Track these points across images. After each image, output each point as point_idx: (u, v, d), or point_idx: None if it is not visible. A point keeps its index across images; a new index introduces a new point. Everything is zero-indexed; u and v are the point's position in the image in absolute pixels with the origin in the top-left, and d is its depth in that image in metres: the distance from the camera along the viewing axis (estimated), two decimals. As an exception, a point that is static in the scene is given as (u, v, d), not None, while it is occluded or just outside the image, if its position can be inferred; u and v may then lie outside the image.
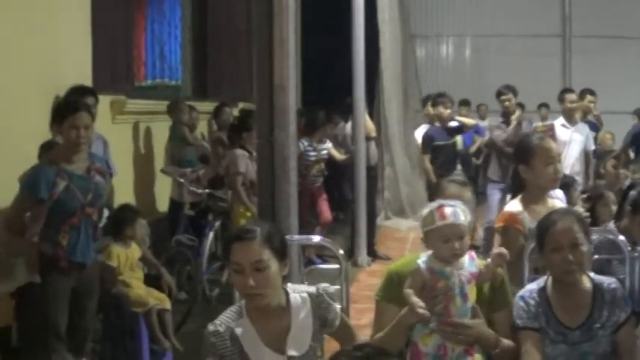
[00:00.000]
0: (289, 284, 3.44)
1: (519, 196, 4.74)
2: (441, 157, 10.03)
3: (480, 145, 12.51)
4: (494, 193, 9.73)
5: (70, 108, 5.31)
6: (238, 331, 3.28)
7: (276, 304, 3.30)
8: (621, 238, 4.65)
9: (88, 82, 7.41)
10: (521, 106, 11.37)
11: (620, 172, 7.54)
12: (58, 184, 5.14)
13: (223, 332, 3.29)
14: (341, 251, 4.66)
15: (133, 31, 9.37)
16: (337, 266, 4.53)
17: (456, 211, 3.47)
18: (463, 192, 4.04)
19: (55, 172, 5.16)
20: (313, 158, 10.06)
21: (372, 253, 10.82)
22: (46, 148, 5.91)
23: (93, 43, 7.88)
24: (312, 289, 3.44)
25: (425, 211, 3.54)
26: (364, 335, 3.77)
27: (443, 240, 3.45)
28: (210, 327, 3.31)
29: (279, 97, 5.32)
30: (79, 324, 5.42)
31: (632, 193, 5.39)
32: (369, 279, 9.31)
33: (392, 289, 3.61)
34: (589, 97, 11.12)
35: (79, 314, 5.40)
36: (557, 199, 4.91)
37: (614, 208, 6.21)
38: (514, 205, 4.72)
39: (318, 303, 3.39)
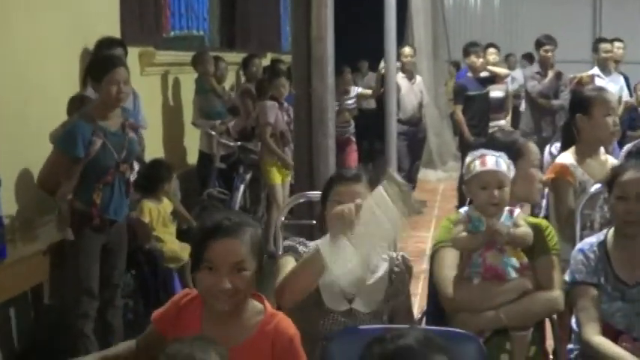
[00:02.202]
0: None
1: (572, 148, 4.62)
2: (474, 108, 9.79)
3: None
4: None
5: (109, 63, 5.18)
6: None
7: None
8: None
9: (116, 33, 7.26)
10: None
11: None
12: (94, 143, 5.01)
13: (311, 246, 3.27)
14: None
15: (160, -19, 9.13)
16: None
17: (498, 160, 3.42)
18: (527, 144, 3.81)
19: (91, 130, 5.03)
20: (337, 108, 9.85)
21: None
22: (75, 103, 5.75)
23: (120, -6, 7.68)
24: (393, 254, 3.42)
25: (468, 159, 3.49)
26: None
27: (481, 187, 3.39)
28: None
29: (317, 47, 5.17)
30: (110, 280, 5.35)
31: None
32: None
33: (449, 235, 3.51)
34: (617, 44, 10.76)
35: (110, 270, 5.33)
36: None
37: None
38: (566, 157, 4.60)
39: (396, 270, 3.37)
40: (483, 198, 3.40)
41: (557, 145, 6.42)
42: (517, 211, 3.49)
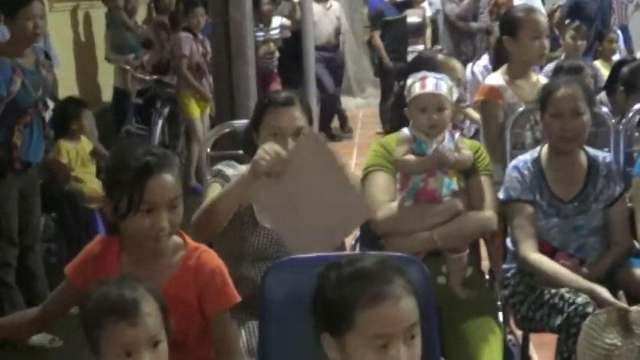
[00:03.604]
0: None
1: (502, 69, 4.57)
2: (392, 33, 9.71)
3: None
4: None
5: None
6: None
7: None
8: (604, 109, 4.52)
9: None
10: None
11: (578, 43, 7.37)
12: (15, 81, 4.78)
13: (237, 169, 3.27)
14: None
15: None
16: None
17: (439, 82, 3.36)
18: (451, 61, 3.77)
19: (11, 68, 4.79)
20: (261, 38, 9.69)
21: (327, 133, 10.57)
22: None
23: None
24: None
25: (409, 81, 3.42)
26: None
27: (420, 109, 3.35)
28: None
29: (234, -27, 5.03)
30: (28, 225, 5.14)
31: (624, 71, 5.24)
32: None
33: (381, 159, 3.45)
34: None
35: (28, 216, 5.12)
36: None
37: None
38: (496, 79, 4.54)
39: None
40: (422, 120, 3.35)
41: (479, 62, 6.46)
42: (457, 134, 3.44)
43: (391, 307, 1.95)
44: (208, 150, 4.05)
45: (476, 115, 4.97)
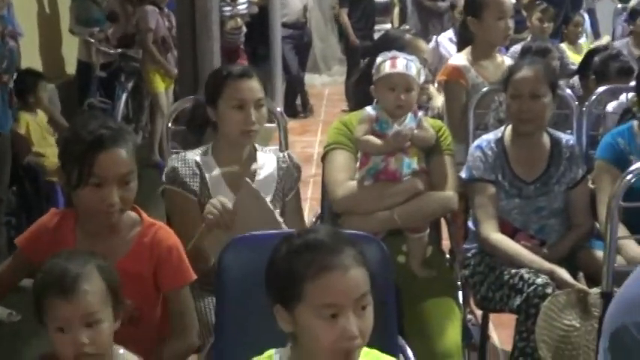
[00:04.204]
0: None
1: (467, 49, 4.55)
2: (359, 11, 9.68)
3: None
4: None
5: None
6: (202, 160, 3.25)
7: (246, 154, 3.30)
8: (568, 91, 4.52)
9: None
10: None
11: (545, 25, 7.39)
12: None
13: (188, 158, 3.25)
14: (278, 108, 4.36)
15: None
16: (272, 125, 4.16)
17: (409, 63, 3.36)
18: (417, 41, 3.74)
19: None
20: (228, 13, 9.60)
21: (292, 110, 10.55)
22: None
23: None
24: (280, 153, 3.44)
25: (379, 59, 3.40)
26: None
27: (389, 88, 3.33)
28: (174, 155, 3.32)
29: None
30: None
31: (596, 60, 5.31)
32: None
33: (342, 137, 3.45)
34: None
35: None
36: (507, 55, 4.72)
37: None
38: (459, 59, 4.53)
39: (283, 166, 3.37)
40: (390, 100, 3.33)
41: (445, 34, 6.48)
42: (420, 113, 3.43)
43: (339, 277, 1.93)
44: (170, 124, 4.01)
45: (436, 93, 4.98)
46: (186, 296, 2.72)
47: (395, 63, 3.34)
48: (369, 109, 3.40)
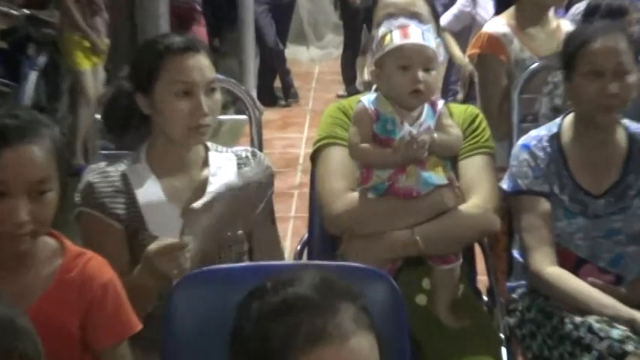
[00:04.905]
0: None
1: (507, 13, 4.63)
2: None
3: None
4: None
5: None
6: (131, 170, 3.26)
7: (195, 157, 3.32)
8: None
9: None
10: None
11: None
12: None
13: (110, 170, 3.26)
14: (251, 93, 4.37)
15: None
16: (242, 117, 4.18)
17: (426, 34, 3.32)
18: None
19: None
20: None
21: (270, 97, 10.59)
22: None
23: None
24: (241, 150, 3.47)
25: (382, 30, 3.35)
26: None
27: (400, 66, 3.28)
28: (92, 165, 3.33)
29: None
30: None
31: None
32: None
33: (338, 128, 3.49)
34: None
35: None
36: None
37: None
38: (498, 25, 4.60)
39: (245, 170, 3.39)
40: (403, 83, 3.27)
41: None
42: (440, 102, 3.40)
43: (336, 351, 1.88)
44: (98, 116, 3.99)
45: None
46: (124, 356, 2.72)
47: (407, 32, 3.30)
48: (365, 101, 3.35)
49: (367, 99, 3.36)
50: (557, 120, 3.71)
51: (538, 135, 3.66)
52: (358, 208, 3.32)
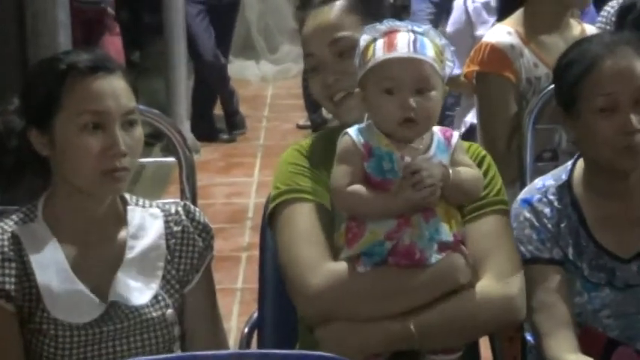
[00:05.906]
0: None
1: (514, 17, 4.70)
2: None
3: None
4: (422, 8, 9.72)
5: None
6: (24, 231, 3.23)
7: (106, 214, 3.32)
8: None
9: None
10: None
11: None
12: None
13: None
14: (184, 126, 4.43)
15: None
16: (170, 159, 4.24)
17: (420, 39, 3.27)
18: None
19: None
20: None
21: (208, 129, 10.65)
22: None
23: None
24: (171, 204, 3.50)
25: (364, 37, 3.33)
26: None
27: (384, 89, 3.24)
28: None
29: None
30: None
31: None
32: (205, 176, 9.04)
33: (302, 178, 3.49)
34: None
35: None
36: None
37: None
38: (502, 34, 4.65)
39: (175, 230, 3.42)
40: (389, 109, 3.24)
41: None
42: (455, 135, 3.38)
43: None
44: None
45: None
46: None
47: (393, 41, 3.27)
48: (352, 133, 3.32)
49: (355, 130, 3.31)
50: (568, 164, 3.69)
51: (543, 186, 3.65)
52: (345, 284, 3.27)
